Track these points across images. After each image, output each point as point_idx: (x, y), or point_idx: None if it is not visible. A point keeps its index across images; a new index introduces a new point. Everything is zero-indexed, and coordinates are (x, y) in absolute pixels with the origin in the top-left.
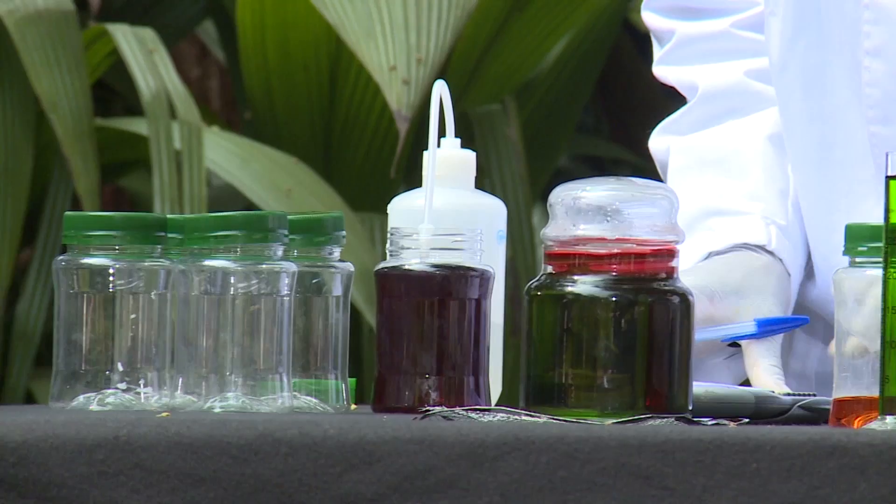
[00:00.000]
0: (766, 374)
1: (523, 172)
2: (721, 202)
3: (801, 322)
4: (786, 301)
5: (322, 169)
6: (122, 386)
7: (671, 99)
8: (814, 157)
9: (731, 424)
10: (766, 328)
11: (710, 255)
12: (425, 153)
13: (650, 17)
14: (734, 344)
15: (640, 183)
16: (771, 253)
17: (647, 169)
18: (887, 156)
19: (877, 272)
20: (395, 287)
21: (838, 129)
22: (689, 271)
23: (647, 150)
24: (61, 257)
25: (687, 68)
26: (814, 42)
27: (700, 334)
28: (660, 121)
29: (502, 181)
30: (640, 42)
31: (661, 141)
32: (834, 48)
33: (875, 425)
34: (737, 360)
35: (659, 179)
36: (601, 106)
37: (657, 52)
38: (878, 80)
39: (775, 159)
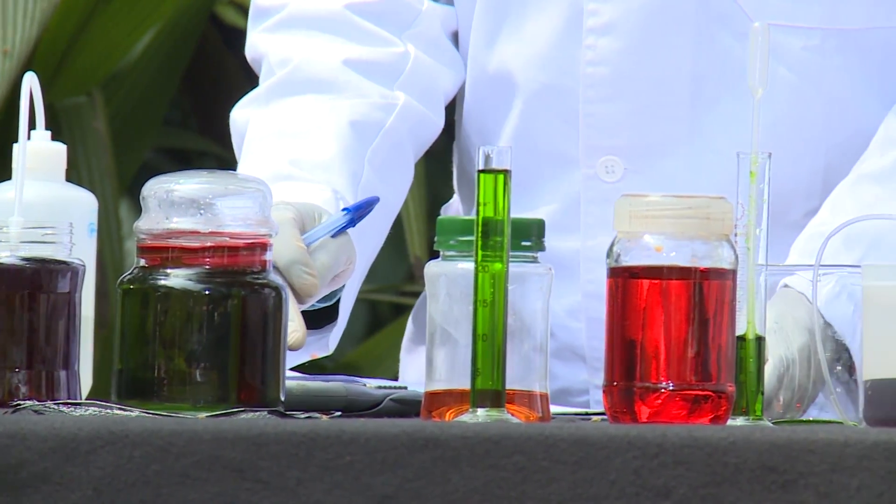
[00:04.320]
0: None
1: (110, 165)
2: (293, 170)
3: (375, 200)
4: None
5: None
6: None
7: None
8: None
9: (324, 417)
10: (356, 212)
11: None
12: (15, 146)
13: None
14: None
15: (234, 176)
16: None
17: (233, 161)
18: (479, 149)
19: (468, 265)
20: None
21: (537, 118)
22: None
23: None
24: None
25: (286, 40)
26: (513, 35)
27: None
28: None
29: (90, 174)
30: (227, 36)
31: (243, 114)
32: (528, 38)
33: (466, 417)
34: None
35: None
36: (188, 99)
37: (257, 25)
38: (605, 57)
39: (354, 144)
